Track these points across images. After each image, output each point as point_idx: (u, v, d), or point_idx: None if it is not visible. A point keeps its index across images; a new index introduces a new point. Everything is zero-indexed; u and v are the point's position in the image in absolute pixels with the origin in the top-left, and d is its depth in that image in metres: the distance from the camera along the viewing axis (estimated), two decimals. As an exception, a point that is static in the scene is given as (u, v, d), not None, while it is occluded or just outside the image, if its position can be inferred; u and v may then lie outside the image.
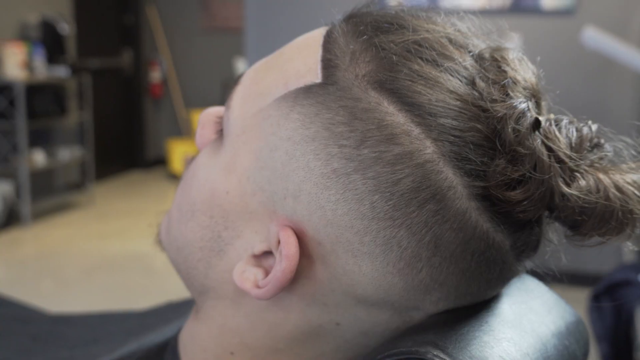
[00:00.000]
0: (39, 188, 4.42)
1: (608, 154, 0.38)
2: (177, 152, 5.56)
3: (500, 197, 0.35)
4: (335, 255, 0.37)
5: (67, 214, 4.47)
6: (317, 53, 0.39)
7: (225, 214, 0.41)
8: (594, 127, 0.38)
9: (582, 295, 1.76)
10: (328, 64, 0.38)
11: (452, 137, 0.35)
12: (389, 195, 0.35)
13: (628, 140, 0.39)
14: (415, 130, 0.35)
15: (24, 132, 4.06)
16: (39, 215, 4.32)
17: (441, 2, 3.31)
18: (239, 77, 0.44)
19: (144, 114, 5.95)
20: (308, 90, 0.38)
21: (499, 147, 0.35)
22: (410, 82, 0.36)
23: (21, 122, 4.02)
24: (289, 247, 0.37)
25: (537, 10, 3.26)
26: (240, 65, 5.33)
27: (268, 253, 0.40)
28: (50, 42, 4.40)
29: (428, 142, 0.35)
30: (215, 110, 0.47)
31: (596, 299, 1.66)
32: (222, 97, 5.70)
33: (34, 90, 4.18)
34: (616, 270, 1.71)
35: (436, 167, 0.35)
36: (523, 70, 0.38)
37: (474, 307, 0.41)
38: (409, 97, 0.35)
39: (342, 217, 0.36)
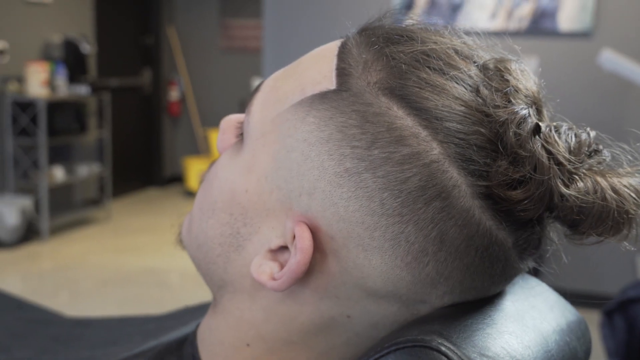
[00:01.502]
0: (58, 203, 4.49)
1: (606, 158, 0.40)
2: (194, 170, 5.62)
3: (502, 196, 0.38)
4: (347, 250, 0.40)
5: (85, 229, 4.53)
6: (332, 62, 0.42)
7: (244, 212, 0.44)
8: (592, 133, 0.40)
9: (596, 316, 1.75)
10: (342, 72, 0.41)
11: (457, 140, 0.37)
12: (397, 192, 0.37)
13: (625, 146, 0.41)
14: (423, 133, 0.38)
15: (45, 149, 4.15)
16: (57, 229, 4.39)
17: (457, 23, 3.34)
18: (259, 84, 0.47)
19: (162, 132, 6.03)
20: (323, 96, 0.40)
21: (501, 150, 0.38)
22: (418, 89, 0.38)
23: (42, 139, 4.10)
24: (304, 240, 0.39)
25: (554, 33, 3.28)
26: (256, 84, 5.39)
27: (284, 248, 0.42)
28: (72, 61, 4.49)
29: (434, 144, 0.37)
30: (235, 117, 0.50)
31: (609, 314, 1.67)
32: (239, 116, 5.76)
33: (56, 107, 4.27)
34: (629, 286, 1.71)
35: (442, 167, 0.37)
36: (525, 80, 0.40)
37: (478, 302, 0.42)
38: (417, 102, 0.38)
39: (353, 213, 0.39)
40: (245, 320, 0.46)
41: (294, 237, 0.41)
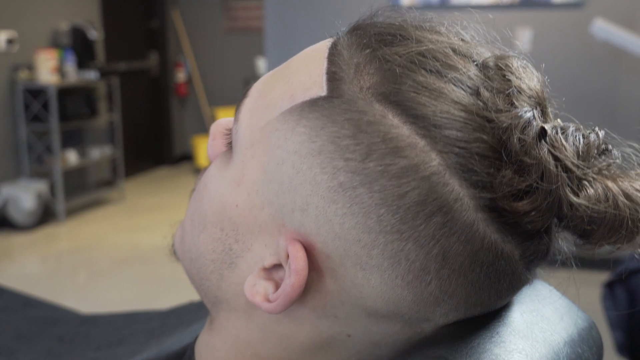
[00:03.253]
0: (72, 186, 4.62)
1: (616, 160, 0.37)
2: (203, 148, 5.70)
3: (507, 208, 0.35)
4: (344, 268, 0.37)
5: (99, 210, 4.66)
6: (322, 65, 0.39)
7: (235, 227, 0.41)
8: (601, 133, 0.37)
9: (597, 277, 1.69)
10: (333, 77, 0.38)
11: (458, 149, 0.34)
12: (395, 208, 0.35)
13: (636, 145, 0.38)
14: (421, 143, 0.35)
15: (57, 134, 4.26)
16: (73, 211, 4.52)
17: (451, 0, 3.39)
18: (247, 89, 0.44)
19: (170, 113, 6.13)
20: (314, 104, 0.37)
21: (505, 158, 0.35)
22: (414, 94, 0.35)
23: (54, 124, 4.22)
24: (298, 261, 0.37)
25: (547, 4, 3.31)
26: (261, 63, 5.47)
27: (278, 266, 0.40)
28: (80, 47, 4.58)
29: (433, 155, 0.35)
30: (225, 122, 0.47)
31: (610, 286, 1.63)
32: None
33: (66, 93, 4.38)
34: (631, 258, 1.63)
35: (442, 179, 0.34)
36: (528, 78, 0.38)
37: (485, 317, 0.40)
38: (414, 109, 0.35)
39: (349, 231, 0.36)
40: (241, 340, 0.44)
41: (288, 255, 0.38)
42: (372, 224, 0.35)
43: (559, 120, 0.38)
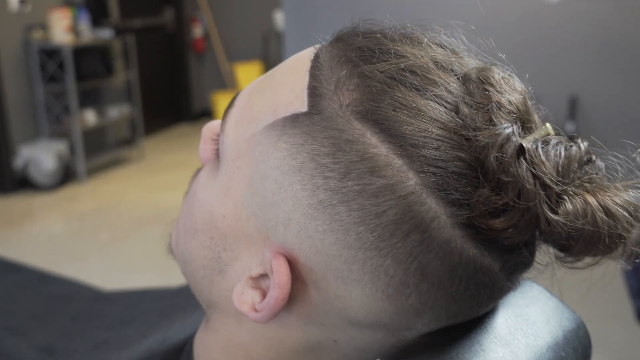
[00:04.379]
0: (92, 146, 4.64)
1: (599, 172, 0.36)
2: (222, 104, 5.68)
3: (484, 226, 0.35)
4: (327, 281, 0.38)
5: (119, 169, 4.69)
6: (305, 79, 0.39)
7: (223, 237, 0.42)
8: (584, 144, 0.36)
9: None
10: (314, 92, 0.38)
11: (435, 169, 0.35)
12: (373, 226, 0.35)
13: (620, 156, 0.37)
14: (398, 162, 0.35)
15: (74, 94, 4.26)
16: (93, 171, 4.55)
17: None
18: (234, 98, 0.44)
19: (188, 69, 6.09)
20: (295, 120, 0.38)
21: (483, 177, 0.35)
22: (393, 112, 0.36)
23: (71, 84, 4.21)
24: (281, 275, 0.38)
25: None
26: (278, 17, 5.37)
27: (265, 275, 0.41)
28: (93, 5, 4.55)
29: (411, 174, 0.35)
30: (215, 126, 0.47)
31: None
32: (262, 49, 5.77)
33: (81, 53, 4.36)
34: None
35: (419, 198, 0.35)
36: (509, 91, 0.37)
37: (469, 324, 0.41)
38: (392, 127, 0.35)
39: (330, 247, 0.37)
40: (233, 342, 0.45)
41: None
42: (352, 241, 0.36)
43: (547, 125, 0.37)
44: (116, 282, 2.82)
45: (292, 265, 0.39)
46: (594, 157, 0.37)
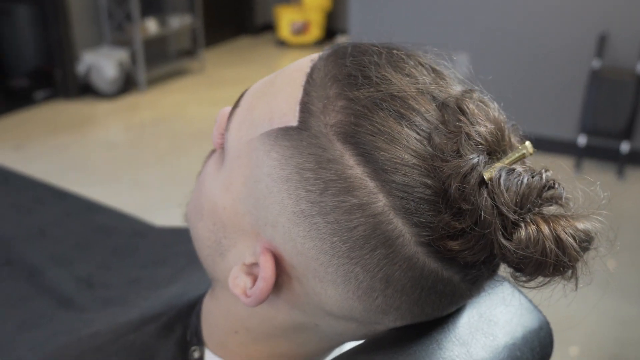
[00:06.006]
0: (153, 55, 4.63)
1: (560, 199, 0.39)
2: (285, 19, 5.57)
3: (442, 246, 0.39)
4: (307, 279, 0.43)
5: (180, 80, 4.68)
6: (299, 93, 0.42)
7: (223, 226, 0.47)
8: (547, 174, 0.39)
9: None
10: (305, 107, 0.41)
11: (402, 193, 0.38)
12: (346, 238, 0.39)
13: (582, 187, 0.40)
14: (370, 185, 0.38)
15: (136, 1, 4.21)
16: (154, 81, 4.56)
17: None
18: (239, 99, 0.48)
19: (252, -20, 5.95)
20: (286, 132, 0.41)
21: (445, 203, 0.38)
22: (371, 137, 0.39)
23: (133, -9, 4.16)
24: (266, 270, 0.43)
25: None
26: None
27: (257, 264, 0.45)
28: None
29: (381, 196, 0.38)
30: (228, 114, 0.50)
31: None
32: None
33: (145, -42, 4.27)
34: None
35: (387, 218, 0.38)
36: (481, 122, 0.39)
37: (433, 322, 0.45)
38: (368, 152, 0.39)
39: (309, 250, 0.41)
40: (232, 313, 0.51)
41: None
42: (327, 248, 0.40)
43: (527, 143, 0.40)
44: (171, 194, 2.83)
45: (278, 260, 0.43)
46: (557, 186, 0.39)
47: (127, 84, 4.30)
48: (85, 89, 4.21)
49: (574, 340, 1.92)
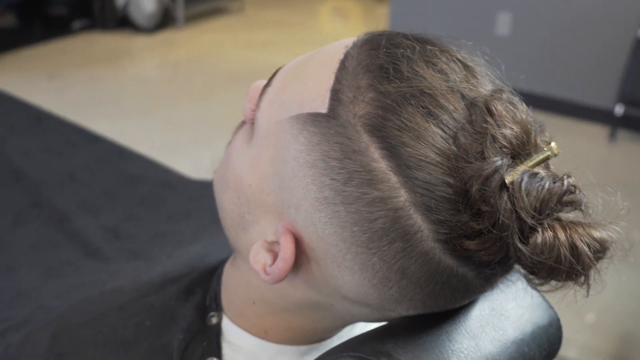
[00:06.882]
0: (192, -8, 4.57)
1: (580, 206, 0.39)
2: (328, -37, 5.44)
3: (459, 245, 0.39)
4: (325, 262, 0.43)
5: (218, 20, 4.63)
6: (330, 80, 0.42)
7: (248, 201, 0.47)
8: (569, 180, 0.39)
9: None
10: (335, 95, 0.42)
11: (424, 190, 0.38)
12: (365, 229, 0.40)
13: (604, 196, 0.39)
14: (393, 179, 0.39)
15: None
16: (192, 19, 4.52)
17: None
18: (272, 77, 0.49)
19: None
20: (315, 119, 0.42)
21: (465, 204, 0.39)
22: (397, 132, 0.39)
23: None
24: (286, 251, 0.43)
25: None
26: None
27: (278, 242, 0.46)
28: None
29: (403, 191, 0.39)
30: (261, 87, 0.50)
31: None
32: None
33: None
34: None
35: (407, 213, 0.39)
36: (508, 124, 0.39)
37: (444, 314, 0.45)
38: (394, 147, 0.39)
39: (329, 236, 0.42)
40: (252, 285, 0.52)
41: None
42: (347, 236, 0.41)
43: (552, 145, 0.39)
44: (201, 134, 2.84)
45: (299, 242, 0.44)
46: (577, 192, 0.39)
47: (164, 20, 4.26)
48: (122, 22, 4.19)
49: (591, 309, 1.91)
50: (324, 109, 0.42)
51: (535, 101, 3.10)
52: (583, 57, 3.16)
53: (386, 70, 0.41)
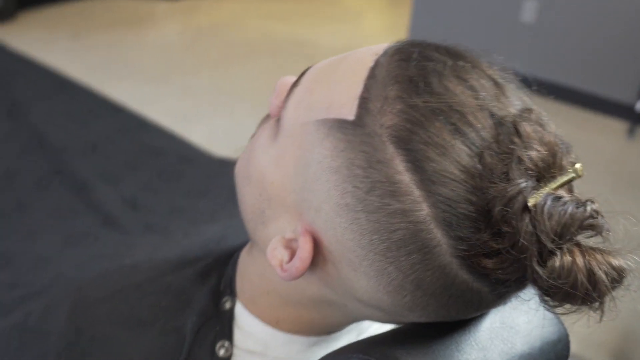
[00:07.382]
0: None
1: (601, 231, 0.38)
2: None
3: (477, 262, 0.39)
4: (341, 265, 0.44)
5: (241, -11, 4.60)
6: (359, 87, 0.42)
7: (269, 198, 0.48)
8: (593, 206, 0.38)
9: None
10: (363, 103, 0.42)
11: (446, 206, 0.39)
12: (385, 238, 0.40)
13: (632, 218, 0.39)
14: (416, 193, 0.39)
15: None
16: (215, -14, 4.48)
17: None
18: (301, 76, 0.49)
19: None
20: (341, 125, 0.42)
21: (486, 222, 0.38)
22: (423, 146, 0.39)
23: None
24: (304, 251, 0.44)
25: None
26: None
27: (296, 240, 0.46)
28: None
29: (424, 205, 0.39)
30: (289, 83, 0.51)
31: None
32: None
33: None
34: None
35: (427, 227, 0.39)
36: (535, 146, 0.39)
37: (455, 324, 0.46)
38: (418, 160, 0.39)
39: (348, 242, 0.42)
40: (267, 276, 0.53)
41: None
42: (365, 244, 0.41)
43: (577, 166, 0.39)
44: (218, 103, 2.84)
45: (317, 242, 0.44)
46: (599, 218, 0.38)
47: (187, -14, 4.24)
48: (146, -15, 4.17)
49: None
50: (351, 116, 0.42)
51: (555, 91, 3.08)
52: (607, 49, 3.13)
53: (416, 83, 0.41)
